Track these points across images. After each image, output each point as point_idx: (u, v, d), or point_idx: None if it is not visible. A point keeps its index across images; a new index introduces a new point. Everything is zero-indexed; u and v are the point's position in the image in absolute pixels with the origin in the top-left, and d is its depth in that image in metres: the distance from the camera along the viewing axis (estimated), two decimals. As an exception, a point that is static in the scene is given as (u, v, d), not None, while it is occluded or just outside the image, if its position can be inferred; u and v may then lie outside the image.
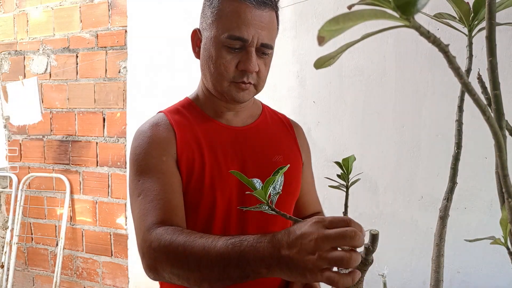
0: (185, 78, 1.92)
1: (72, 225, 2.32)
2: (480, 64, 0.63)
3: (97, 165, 2.22)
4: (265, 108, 1.05)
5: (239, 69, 0.85)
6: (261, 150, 0.95)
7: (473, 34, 0.62)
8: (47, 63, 2.32)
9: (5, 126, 2.45)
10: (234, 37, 0.82)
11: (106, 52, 2.16)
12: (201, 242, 0.66)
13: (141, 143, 0.87)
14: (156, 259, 0.71)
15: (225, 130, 0.94)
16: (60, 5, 2.27)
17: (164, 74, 2.00)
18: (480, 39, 0.52)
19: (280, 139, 1.00)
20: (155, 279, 0.76)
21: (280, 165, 0.94)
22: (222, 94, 0.89)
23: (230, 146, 0.92)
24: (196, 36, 0.92)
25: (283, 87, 1.75)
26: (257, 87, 0.90)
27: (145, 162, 0.85)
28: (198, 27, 0.92)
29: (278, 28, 0.91)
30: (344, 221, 0.55)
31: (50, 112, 2.34)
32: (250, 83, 0.87)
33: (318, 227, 0.55)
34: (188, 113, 0.94)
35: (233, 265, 0.61)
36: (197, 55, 0.92)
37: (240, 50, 0.84)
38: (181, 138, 0.88)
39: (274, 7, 0.87)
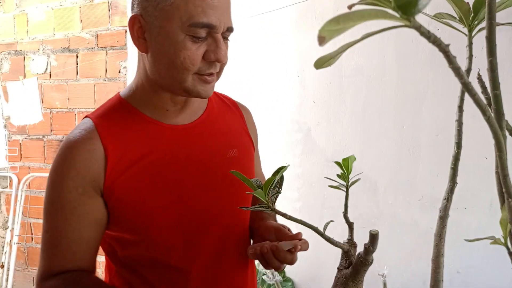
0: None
1: (72, 225, 2.31)
2: (480, 64, 0.63)
3: (97, 165, 2.22)
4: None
5: (206, 60, 0.73)
6: (213, 147, 0.85)
7: (473, 34, 0.62)
8: (47, 63, 2.32)
9: (5, 126, 2.45)
10: (201, 25, 0.69)
11: (106, 52, 2.16)
12: None
13: (58, 167, 0.75)
14: None
15: (169, 132, 0.81)
16: (60, 5, 2.27)
17: (164, 74, 2.00)
18: (480, 39, 0.52)
19: (231, 130, 0.90)
20: None
21: (235, 160, 0.88)
22: (185, 90, 0.75)
23: (177, 149, 0.81)
24: (136, 25, 0.74)
25: (283, 87, 1.75)
26: (218, 76, 0.79)
27: (58, 195, 0.75)
28: (138, 13, 0.74)
29: None
30: None
31: (50, 112, 2.34)
32: (214, 73, 0.76)
33: None
34: (120, 115, 0.79)
35: None
36: (142, 47, 0.75)
37: (205, 38, 0.72)
38: (114, 153, 0.75)
39: None
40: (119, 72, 2.13)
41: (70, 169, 0.74)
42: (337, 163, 0.68)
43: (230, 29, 0.75)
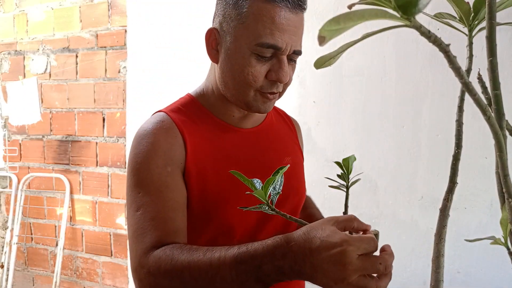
0: (185, 78, 1.92)
1: (72, 225, 2.31)
2: (481, 64, 0.63)
3: (97, 165, 2.22)
4: None
5: (268, 79, 0.77)
6: (272, 153, 0.90)
7: (473, 34, 0.62)
8: (47, 63, 2.32)
9: (4, 126, 2.44)
10: (267, 45, 0.73)
11: (106, 52, 2.16)
12: (206, 257, 0.63)
13: (143, 150, 0.77)
14: (157, 285, 0.67)
15: (235, 132, 0.87)
16: (60, 5, 2.27)
17: (164, 74, 2.00)
18: (480, 39, 0.52)
19: (286, 139, 0.97)
20: None
21: (289, 167, 0.92)
22: (246, 104, 0.81)
23: (241, 150, 0.86)
24: (212, 37, 0.80)
25: (283, 87, 1.75)
26: (280, 96, 0.83)
27: (147, 173, 0.76)
28: (215, 27, 0.80)
29: None
30: (351, 221, 0.59)
31: (50, 112, 2.34)
32: (277, 92, 0.80)
33: (336, 233, 0.55)
34: (192, 113, 0.84)
35: (247, 271, 0.59)
36: (214, 58, 0.82)
37: (270, 58, 0.76)
38: (192, 144, 0.79)
39: (305, 9, 0.79)
40: (119, 72, 2.13)
41: (157, 150, 0.77)
42: (337, 163, 0.68)
43: (297, 52, 0.78)
